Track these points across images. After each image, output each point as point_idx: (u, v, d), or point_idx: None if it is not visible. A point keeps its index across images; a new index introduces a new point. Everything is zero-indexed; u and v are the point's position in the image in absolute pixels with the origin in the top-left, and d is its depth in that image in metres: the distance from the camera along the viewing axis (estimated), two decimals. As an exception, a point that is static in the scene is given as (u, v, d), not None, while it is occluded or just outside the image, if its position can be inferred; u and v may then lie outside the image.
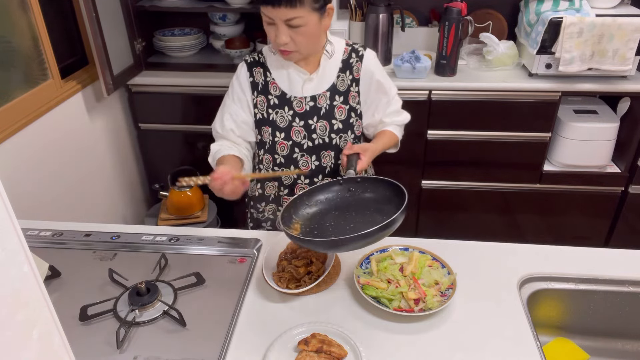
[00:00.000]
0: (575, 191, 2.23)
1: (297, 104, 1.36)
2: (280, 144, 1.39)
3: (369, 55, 1.38)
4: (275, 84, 1.36)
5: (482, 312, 1.06)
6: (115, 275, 1.15)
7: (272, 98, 1.36)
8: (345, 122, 1.38)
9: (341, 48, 1.37)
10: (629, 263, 1.19)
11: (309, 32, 1.23)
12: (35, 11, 1.72)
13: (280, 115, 1.36)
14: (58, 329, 0.54)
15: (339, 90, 1.36)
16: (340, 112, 1.37)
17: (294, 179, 1.43)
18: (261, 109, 1.37)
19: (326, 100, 1.36)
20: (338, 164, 1.42)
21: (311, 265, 1.13)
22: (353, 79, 1.37)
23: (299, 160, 1.40)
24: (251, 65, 1.38)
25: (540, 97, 2.05)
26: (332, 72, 1.36)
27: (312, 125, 1.37)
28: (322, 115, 1.36)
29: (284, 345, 0.97)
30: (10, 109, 1.62)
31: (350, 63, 1.36)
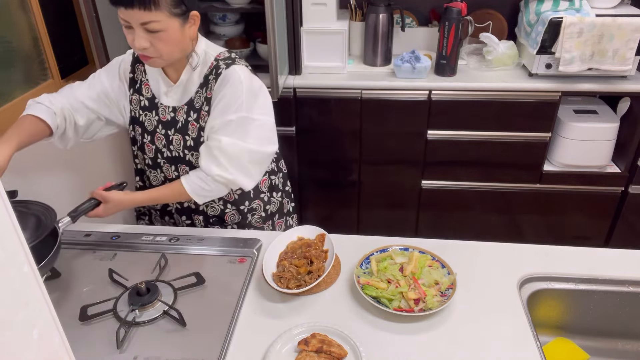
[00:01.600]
0: (575, 191, 2.23)
1: (161, 111, 1.33)
2: (147, 146, 1.37)
3: (229, 73, 1.22)
4: (148, 85, 1.34)
5: (482, 312, 1.06)
6: (115, 275, 1.15)
7: (143, 99, 1.34)
8: (195, 140, 1.30)
9: (209, 61, 1.27)
10: (629, 263, 1.19)
11: (169, 38, 1.15)
12: (35, 11, 1.72)
13: (148, 119, 1.35)
14: (58, 329, 0.54)
15: (194, 106, 1.29)
16: (193, 129, 1.30)
17: (161, 182, 1.41)
18: (134, 107, 1.36)
19: (183, 115, 1.30)
20: None
21: (311, 265, 1.13)
22: (206, 98, 1.27)
23: (162, 166, 1.38)
24: (136, 61, 1.34)
25: (540, 97, 2.05)
26: (193, 86, 1.29)
27: (170, 137, 1.33)
28: (178, 129, 1.31)
29: (284, 345, 0.97)
30: (10, 109, 1.62)
31: (209, 80, 1.26)
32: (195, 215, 1.44)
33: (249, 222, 1.47)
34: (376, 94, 2.09)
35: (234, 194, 1.41)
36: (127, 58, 1.36)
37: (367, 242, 1.26)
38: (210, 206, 1.42)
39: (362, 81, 2.09)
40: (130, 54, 1.36)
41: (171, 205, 1.46)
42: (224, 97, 1.22)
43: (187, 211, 1.44)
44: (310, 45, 2.10)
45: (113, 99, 1.36)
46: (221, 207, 1.42)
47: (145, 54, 1.17)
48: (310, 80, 2.10)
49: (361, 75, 2.14)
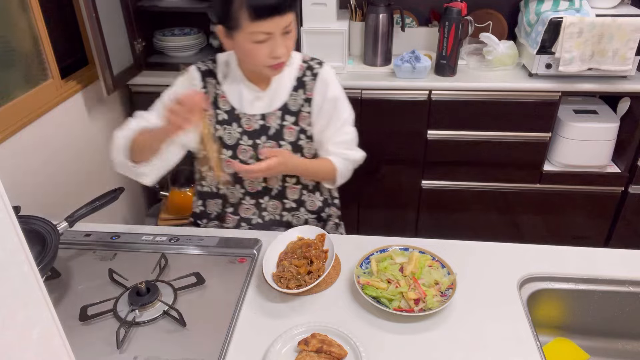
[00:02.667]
0: (575, 191, 2.23)
1: (245, 122, 1.28)
2: (227, 162, 1.29)
3: (325, 73, 1.29)
4: (225, 98, 1.28)
5: (482, 312, 1.06)
6: (115, 275, 1.15)
7: (221, 113, 1.28)
8: (294, 144, 1.30)
9: (297, 64, 1.29)
10: (629, 263, 1.19)
11: (294, 36, 1.19)
12: (35, 11, 1.72)
13: (227, 132, 1.29)
14: (58, 329, 0.54)
15: (290, 109, 1.28)
16: (290, 133, 1.29)
17: (239, 199, 1.36)
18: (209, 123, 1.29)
19: (276, 120, 1.28)
20: (285, 186, 1.35)
21: (311, 265, 1.13)
22: (306, 99, 1.28)
23: (245, 180, 1.33)
24: (205, 75, 1.29)
25: (540, 97, 2.05)
26: (285, 90, 1.28)
27: (260, 145, 1.29)
28: (271, 135, 1.28)
29: (284, 345, 0.97)
30: (10, 109, 1.62)
31: (304, 81, 1.28)
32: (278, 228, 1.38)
33: None
34: (376, 94, 2.09)
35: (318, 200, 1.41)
36: (194, 75, 1.30)
37: (367, 242, 1.26)
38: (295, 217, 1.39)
39: (362, 81, 2.09)
40: (196, 69, 1.30)
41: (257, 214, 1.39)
42: (337, 99, 1.30)
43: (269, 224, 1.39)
44: (310, 45, 2.10)
45: None
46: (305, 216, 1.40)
47: (283, 60, 1.17)
48: (310, 80, 2.10)
49: (361, 75, 2.14)
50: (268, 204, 1.37)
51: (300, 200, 1.39)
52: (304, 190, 1.38)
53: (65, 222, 1.16)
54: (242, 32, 1.12)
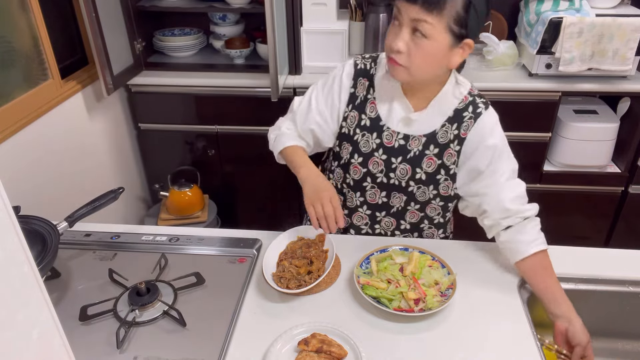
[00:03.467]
0: (575, 191, 2.23)
1: (387, 136, 1.20)
2: (355, 167, 1.24)
3: (488, 117, 1.17)
4: (375, 104, 1.20)
5: (482, 312, 1.06)
6: (115, 275, 1.15)
7: (365, 119, 1.21)
8: (430, 176, 1.20)
9: (461, 94, 1.17)
10: (629, 263, 1.19)
11: (430, 51, 1.04)
12: (35, 11, 1.72)
13: (365, 139, 1.21)
14: (58, 329, 0.54)
15: (437, 140, 1.18)
16: (429, 163, 1.19)
17: (356, 205, 1.30)
18: (350, 124, 1.23)
19: (418, 146, 1.19)
20: (407, 209, 1.27)
21: (311, 265, 1.13)
22: (458, 136, 1.17)
23: (368, 191, 1.26)
24: (358, 74, 1.22)
25: (540, 97, 2.05)
26: (439, 118, 1.17)
27: (394, 165, 1.21)
28: (408, 159, 1.20)
29: (284, 345, 0.97)
30: (10, 109, 1.62)
31: (463, 116, 1.16)
32: None
33: None
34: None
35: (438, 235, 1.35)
36: (348, 70, 1.24)
37: (367, 242, 1.26)
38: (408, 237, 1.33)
39: (362, 81, 2.09)
40: (352, 65, 1.24)
41: None
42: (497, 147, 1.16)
43: None
44: (310, 45, 2.10)
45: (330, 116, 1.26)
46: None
47: (397, 58, 1.06)
48: (311, 80, 2.09)
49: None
50: (383, 219, 1.30)
51: (419, 227, 1.31)
52: (426, 220, 1.30)
53: (65, 222, 1.16)
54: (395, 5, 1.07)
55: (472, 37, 1.07)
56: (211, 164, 2.35)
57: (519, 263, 1.13)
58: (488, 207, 1.17)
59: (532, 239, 1.12)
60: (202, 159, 2.36)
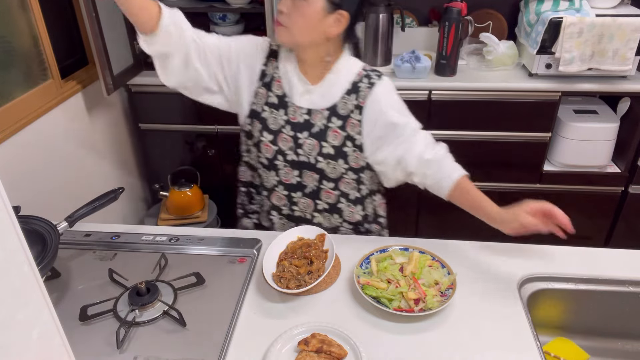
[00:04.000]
0: (575, 191, 2.23)
1: (292, 112, 1.26)
2: (266, 145, 1.29)
3: (383, 85, 1.25)
4: (280, 82, 1.27)
5: (482, 312, 1.06)
6: (115, 275, 1.15)
7: (272, 96, 1.27)
8: (337, 149, 1.26)
9: (354, 70, 1.26)
10: (629, 263, 1.19)
11: (307, 14, 1.14)
12: (35, 11, 1.72)
13: (273, 117, 1.27)
14: (58, 329, 0.54)
15: (338, 112, 1.24)
16: (335, 136, 1.25)
17: (273, 185, 1.34)
18: (259, 101, 1.28)
19: (322, 119, 1.25)
20: (320, 188, 1.31)
21: (311, 265, 1.13)
22: (357, 105, 1.24)
23: (281, 170, 1.30)
24: (270, 55, 1.28)
25: (540, 97, 2.05)
26: (337, 91, 1.24)
27: (301, 140, 1.26)
28: (313, 133, 1.25)
29: (284, 345, 0.97)
30: (10, 109, 1.62)
31: (359, 87, 1.24)
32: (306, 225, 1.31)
33: None
34: (376, 94, 2.08)
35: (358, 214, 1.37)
36: (265, 47, 1.29)
37: (367, 242, 1.26)
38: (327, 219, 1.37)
39: (362, 81, 2.09)
40: (267, 45, 1.29)
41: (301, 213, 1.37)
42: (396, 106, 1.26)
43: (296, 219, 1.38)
44: (310, 45, 2.10)
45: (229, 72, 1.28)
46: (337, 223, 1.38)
47: (280, 19, 1.17)
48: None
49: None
50: (300, 200, 1.34)
51: (336, 207, 1.35)
52: (343, 197, 1.33)
53: (65, 222, 1.16)
54: None
55: (348, 9, 1.16)
56: (211, 164, 2.35)
57: (451, 195, 1.25)
58: (412, 168, 1.26)
59: (453, 169, 1.27)
60: (202, 159, 2.36)
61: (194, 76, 1.25)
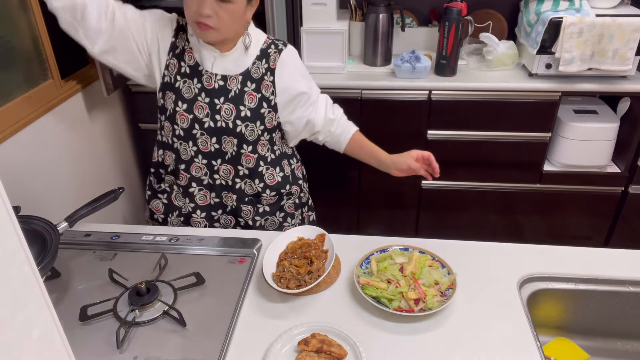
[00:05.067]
0: (575, 191, 2.23)
1: (206, 79, 1.30)
2: (181, 115, 1.32)
3: (289, 51, 1.36)
4: (191, 53, 1.31)
5: (482, 312, 1.06)
6: (115, 275, 1.15)
7: (184, 66, 1.31)
8: (254, 111, 1.32)
9: (261, 39, 1.35)
10: (629, 263, 1.19)
11: (234, 11, 1.20)
12: (35, 11, 1.72)
13: (187, 86, 1.31)
14: (58, 329, 0.54)
15: (252, 76, 1.32)
16: (251, 99, 1.31)
17: (191, 156, 1.36)
18: (171, 72, 1.32)
19: (237, 84, 1.31)
20: (240, 152, 1.36)
21: (311, 265, 1.13)
22: (269, 68, 1.32)
23: (198, 139, 1.33)
24: (179, 29, 1.33)
25: (540, 97, 2.05)
26: (248, 58, 1.32)
27: (218, 106, 1.31)
28: (230, 98, 1.31)
29: (284, 345, 0.97)
30: (10, 109, 1.62)
31: (268, 52, 1.33)
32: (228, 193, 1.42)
33: (282, 205, 1.49)
34: (376, 94, 2.09)
35: (277, 175, 1.44)
36: (174, 20, 1.34)
37: (367, 242, 1.26)
38: (248, 184, 1.41)
39: (362, 81, 2.09)
40: (175, 19, 1.34)
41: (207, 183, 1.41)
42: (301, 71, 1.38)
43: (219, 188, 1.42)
44: (310, 45, 2.10)
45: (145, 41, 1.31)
46: (259, 188, 1.42)
47: (207, 22, 1.19)
48: (310, 80, 2.10)
49: (361, 75, 2.14)
50: (220, 167, 1.37)
51: (257, 171, 1.40)
52: (261, 160, 1.40)
53: (65, 222, 1.16)
54: None
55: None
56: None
57: (348, 148, 1.46)
58: (318, 127, 1.42)
59: (349, 126, 1.46)
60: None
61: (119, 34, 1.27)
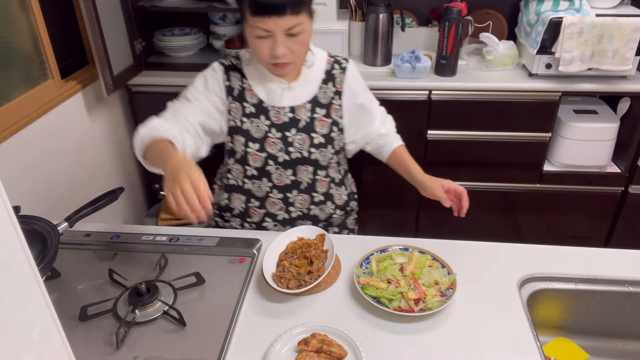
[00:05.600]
0: (575, 191, 2.23)
1: (274, 114, 1.27)
2: (253, 155, 1.29)
3: (351, 68, 1.34)
4: (252, 91, 1.27)
5: (482, 312, 1.06)
6: (115, 275, 1.15)
7: (248, 106, 1.27)
8: (326, 137, 1.30)
9: (323, 59, 1.32)
10: (629, 263, 1.19)
11: (305, 39, 1.18)
12: (35, 11, 1.72)
13: (255, 125, 1.27)
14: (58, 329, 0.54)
15: (320, 102, 1.29)
16: (322, 125, 1.29)
17: (266, 192, 1.34)
18: (234, 115, 1.28)
19: (306, 112, 1.28)
20: (315, 179, 1.34)
21: (311, 265, 1.13)
22: (336, 92, 1.31)
23: (273, 174, 1.31)
24: (228, 69, 1.29)
25: (540, 97, 2.05)
26: (314, 83, 1.29)
27: (290, 138, 1.28)
28: (301, 128, 1.28)
29: (284, 346, 0.97)
30: (10, 109, 1.62)
31: (333, 74, 1.31)
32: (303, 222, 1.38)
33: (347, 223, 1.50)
34: (376, 94, 2.05)
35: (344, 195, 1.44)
36: (217, 67, 1.30)
37: (367, 242, 1.26)
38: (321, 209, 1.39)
39: (362, 81, 2.09)
40: (219, 64, 1.30)
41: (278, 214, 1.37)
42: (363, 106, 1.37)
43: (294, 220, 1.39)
44: (310, 45, 2.10)
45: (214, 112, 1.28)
46: (331, 210, 1.41)
47: (285, 60, 1.16)
48: (310, 80, 2.10)
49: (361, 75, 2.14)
50: (296, 199, 1.35)
51: (329, 193, 1.39)
52: (332, 183, 1.38)
53: (65, 222, 1.16)
54: (247, 25, 1.15)
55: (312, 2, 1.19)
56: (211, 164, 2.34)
57: (388, 160, 1.44)
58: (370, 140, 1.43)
59: (395, 140, 1.45)
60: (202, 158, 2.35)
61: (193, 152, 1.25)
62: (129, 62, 2.13)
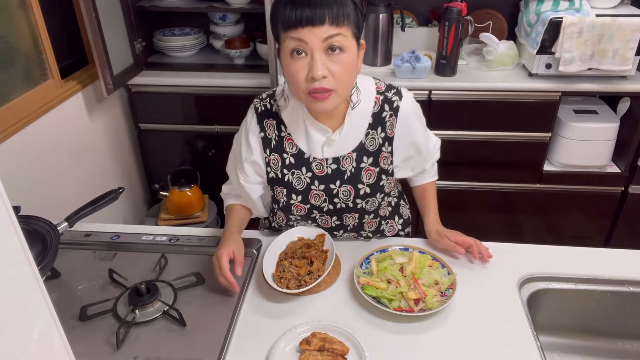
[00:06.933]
0: (575, 191, 2.23)
1: (316, 166, 1.14)
2: (297, 207, 1.19)
3: (405, 106, 1.14)
4: (292, 140, 1.14)
5: (482, 312, 1.06)
6: (115, 275, 1.15)
7: (288, 157, 1.15)
8: (373, 186, 1.17)
9: (371, 96, 1.12)
10: (629, 263, 1.19)
11: (349, 61, 0.98)
12: (35, 11, 1.72)
13: (296, 177, 1.16)
14: (58, 329, 0.54)
15: (367, 150, 1.14)
16: (369, 175, 1.15)
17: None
18: (274, 167, 1.16)
19: (352, 163, 1.14)
20: (363, 222, 1.24)
21: (311, 265, 1.13)
22: (386, 137, 1.14)
23: (318, 219, 1.22)
24: (262, 117, 1.15)
25: (540, 97, 2.05)
26: (360, 128, 1.12)
27: (334, 190, 1.16)
28: (346, 180, 1.15)
29: (285, 346, 0.97)
30: (10, 109, 1.62)
31: (383, 117, 1.12)
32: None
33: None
34: (376, 94, 2.08)
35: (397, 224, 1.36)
36: (250, 119, 1.17)
37: (367, 242, 1.26)
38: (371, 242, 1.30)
39: (362, 81, 2.09)
40: (252, 113, 1.17)
41: None
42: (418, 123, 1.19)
43: None
44: (310, 45, 2.10)
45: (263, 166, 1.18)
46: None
47: (324, 85, 0.97)
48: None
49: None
50: (343, 235, 1.28)
51: (379, 230, 1.30)
52: (382, 220, 1.29)
53: (65, 222, 1.16)
54: (282, 47, 1.00)
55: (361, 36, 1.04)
56: (211, 164, 2.35)
57: (415, 189, 1.38)
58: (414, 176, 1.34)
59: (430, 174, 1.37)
60: (202, 159, 2.36)
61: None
62: (129, 62, 2.13)
